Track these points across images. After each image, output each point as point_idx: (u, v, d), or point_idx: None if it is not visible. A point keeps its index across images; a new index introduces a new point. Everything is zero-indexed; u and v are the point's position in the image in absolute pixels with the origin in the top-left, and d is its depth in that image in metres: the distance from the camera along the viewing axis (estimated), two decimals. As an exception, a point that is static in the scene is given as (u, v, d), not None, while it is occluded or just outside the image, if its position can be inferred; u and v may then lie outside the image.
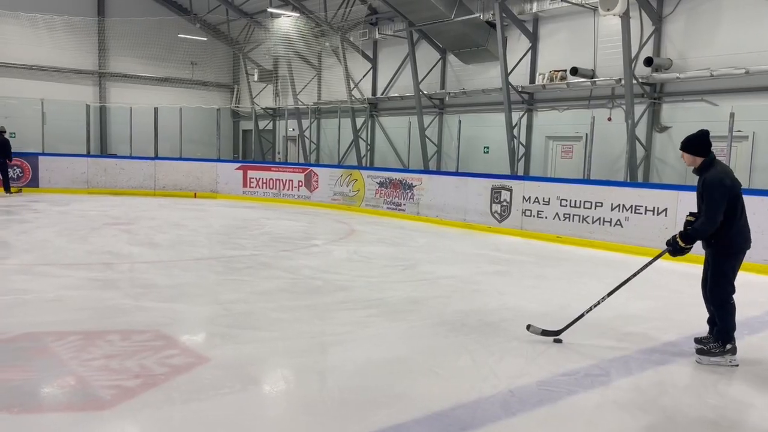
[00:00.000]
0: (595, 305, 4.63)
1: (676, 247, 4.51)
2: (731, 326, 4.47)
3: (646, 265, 4.67)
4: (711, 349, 4.49)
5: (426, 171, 15.14)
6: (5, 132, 15.69)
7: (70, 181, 16.55)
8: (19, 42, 19.81)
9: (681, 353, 4.73)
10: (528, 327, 4.69)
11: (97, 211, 12.72)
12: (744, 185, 10.74)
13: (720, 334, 4.49)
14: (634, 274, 4.71)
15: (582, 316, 4.63)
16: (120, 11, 21.15)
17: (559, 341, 4.66)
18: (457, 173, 13.16)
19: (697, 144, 4.48)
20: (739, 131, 10.34)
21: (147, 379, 3.83)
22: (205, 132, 20.73)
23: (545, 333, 4.64)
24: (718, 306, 4.51)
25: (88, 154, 17.81)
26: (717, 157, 4.59)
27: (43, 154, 16.85)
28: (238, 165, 17.26)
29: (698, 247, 4.63)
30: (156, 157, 17.32)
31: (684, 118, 11.91)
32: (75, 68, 21.16)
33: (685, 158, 4.57)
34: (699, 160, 4.48)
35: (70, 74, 21.11)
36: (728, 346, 4.46)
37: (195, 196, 16.73)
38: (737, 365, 4.42)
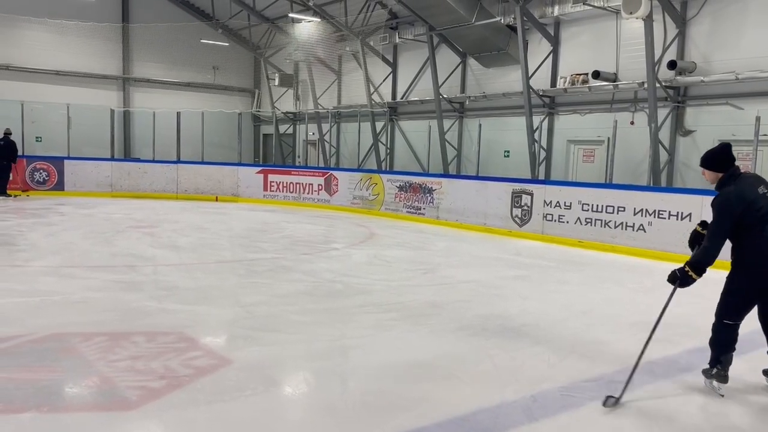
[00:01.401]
0: (642, 353, 4.06)
1: (684, 279, 3.97)
2: (719, 349, 4.04)
3: (665, 307, 4.20)
4: (710, 370, 4.07)
5: (446, 175, 15.11)
6: (11, 134, 15.82)
7: (95, 185, 16.81)
8: (45, 48, 20.21)
9: (706, 360, 4.65)
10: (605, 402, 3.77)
11: (121, 214, 12.91)
12: (770, 190, 10.57)
13: (711, 353, 4.09)
14: (660, 315, 4.21)
15: (636, 368, 3.99)
16: (144, 17, 21.49)
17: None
18: (477, 177, 13.13)
19: (716, 158, 4.06)
20: (765, 135, 10.16)
21: (172, 380, 3.88)
22: (226, 136, 20.95)
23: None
24: (714, 322, 4.11)
25: (112, 158, 18.11)
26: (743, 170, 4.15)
27: (69, 158, 17.15)
28: (259, 169, 17.40)
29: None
30: (178, 161, 17.53)
31: (708, 122, 11.75)
32: (100, 73, 21.52)
33: (705, 175, 4.16)
34: (718, 176, 4.05)
35: (95, 79, 21.47)
36: (714, 371, 4.02)
37: (216, 200, 16.89)
38: (722, 395, 3.94)
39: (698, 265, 3.96)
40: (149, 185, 17.06)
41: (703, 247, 3.99)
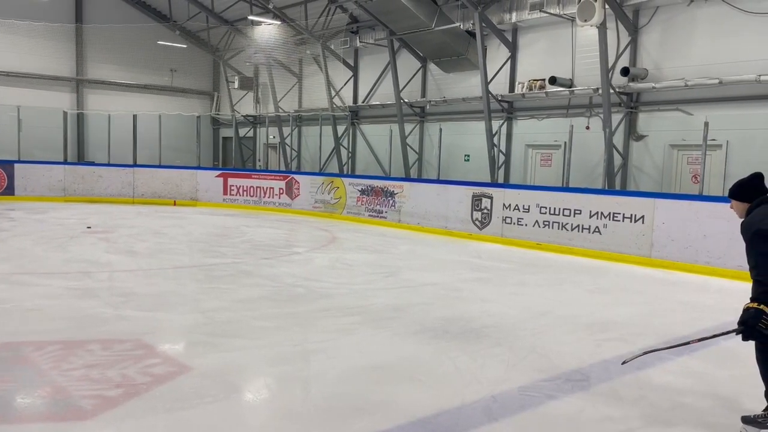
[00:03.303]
0: (677, 346, 3.96)
1: (753, 324, 3.22)
2: None
3: (712, 337, 3.78)
4: (757, 417, 3.56)
5: (407, 179, 15.21)
6: None
7: (47, 189, 16.33)
8: (-5, 48, 19.56)
9: (660, 358, 4.81)
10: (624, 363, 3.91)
11: (75, 219, 12.57)
12: (718, 193, 11.07)
13: None
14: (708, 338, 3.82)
15: (657, 350, 4.03)
16: (98, 18, 20.98)
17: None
18: (438, 181, 13.25)
19: (743, 186, 3.66)
20: (713, 140, 10.57)
21: (129, 388, 3.80)
22: (184, 139, 20.59)
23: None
24: (762, 371, 3.52)
25: (65, 162, 17.59)
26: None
27: (19, 161, 16.63)
28: (219, 172, 17.18)
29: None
30: (135, 165, 17.17)
31: (660, 127, 12.14)
32: (52, 75, 20.91)
33: (733, 207, 3.70)
34: (745, 207, 3.60)
35: (48, 81, 20.86)
36: None
37: (174, 204, 16.60)
38: None
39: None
40: (104, 189, 16.65)
41: (757, 282, 3.31)
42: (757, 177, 3.70)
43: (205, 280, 7.31)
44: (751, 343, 3.45)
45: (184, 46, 22.44)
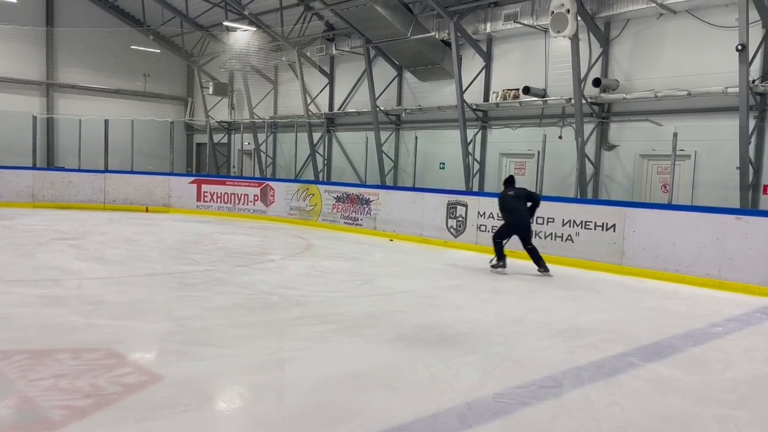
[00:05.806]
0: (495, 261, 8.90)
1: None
2: (500, 255, 9.06)
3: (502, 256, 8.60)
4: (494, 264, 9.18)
5: (383, 186, 15.22)
6: None
7: (15, 195, 15.97)
8: (-38, 50, 19.12)
9: (631, 364, 4.89)
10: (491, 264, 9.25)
11: (44, 225, 12.32)
12: (687, 202, 11.33)
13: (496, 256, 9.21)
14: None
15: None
16: (70, 21, 20.66)
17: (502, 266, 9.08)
18: (413, 189, 13.30)
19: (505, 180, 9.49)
20: (682, 150, 10.81)
21: (99, 398, 3.73)
22: (157, 145, 20.35)
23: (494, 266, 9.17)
24: (494, 244, 9.18)
25: (34, 167, 17.22)
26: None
27: (-14, 166, 16.24)
28: (192, 179, 17.01)
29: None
30: (106, 171, 16.90)
31: (630, 137, 12.37)
32: (22, 78, 20.51)
33: None
34: None
35: (17, 84, 20.45)
36: (500, 264, 9.13)
37: (147, 211, 16.37)
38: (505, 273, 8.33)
39: None
40: (74, 195, 16.34)
41: None
42: (510, 176, 9.48)
43: (177, 287, 7.22)
44: (719, 350, 3.54)
45: (158, 51, 22.22)
